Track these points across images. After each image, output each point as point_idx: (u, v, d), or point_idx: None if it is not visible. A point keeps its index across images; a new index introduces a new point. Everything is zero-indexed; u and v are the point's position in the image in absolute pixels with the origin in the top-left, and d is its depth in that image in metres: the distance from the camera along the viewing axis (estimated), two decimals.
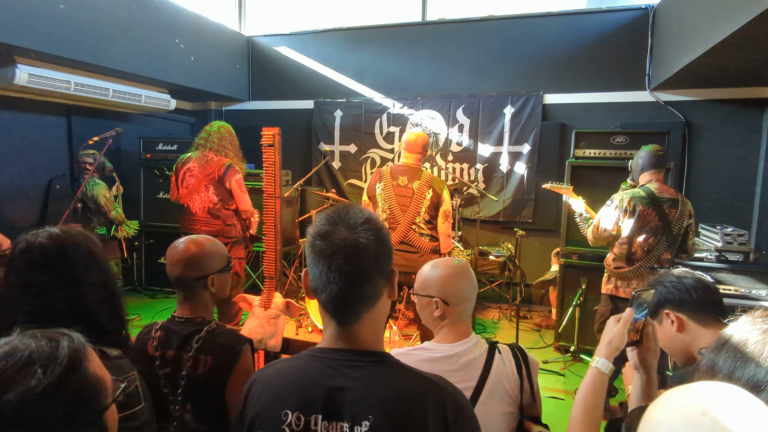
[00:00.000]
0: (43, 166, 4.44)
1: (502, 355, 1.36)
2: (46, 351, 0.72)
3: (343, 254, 0.85)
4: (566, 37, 4.82)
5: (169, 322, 1.51)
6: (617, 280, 2.88)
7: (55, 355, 0.72)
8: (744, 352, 0.77)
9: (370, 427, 0.83)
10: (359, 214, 0.90)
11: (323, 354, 0.92)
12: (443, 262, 1.43)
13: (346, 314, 0.90)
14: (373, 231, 0.88)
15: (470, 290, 1.40)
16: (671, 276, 1.47)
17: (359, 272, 0.87)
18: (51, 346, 0.73)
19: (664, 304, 1.42)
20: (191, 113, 6.25)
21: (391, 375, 0.89)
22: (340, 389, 0.86)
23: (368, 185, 3.21)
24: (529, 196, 4.95)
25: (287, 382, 0.91)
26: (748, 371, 0.75)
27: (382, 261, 0.90)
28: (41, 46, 3.39)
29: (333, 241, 0.86)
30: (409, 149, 3.07)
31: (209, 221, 3.38)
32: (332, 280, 0.86)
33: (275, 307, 2.12)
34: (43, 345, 0.73)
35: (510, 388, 1.33)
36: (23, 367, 0.70)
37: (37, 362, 0.71)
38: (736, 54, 3.10)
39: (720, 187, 4.41)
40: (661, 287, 1.44)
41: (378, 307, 0.92)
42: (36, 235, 1.12)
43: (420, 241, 2.99)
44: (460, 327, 1.38)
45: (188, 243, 1.54)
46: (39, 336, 0.75)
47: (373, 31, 5.54)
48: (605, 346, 1.14)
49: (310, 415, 0.86)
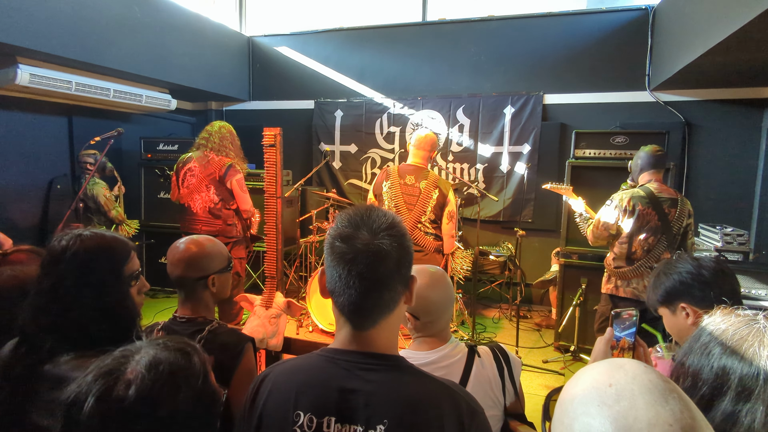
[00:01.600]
0: (44, 166, 4.45)
1: (481, 358, 1.34)
2: (183, 364, 0.76)
3: (364, 260, 0.83)
4: (566, 37, 4.83)
5: (170, 323, 1.52)
6: (617, 280, 2.89)
7: (193, 368, 0.77)
8: (708, 349, 0.81)
9: (384, 431, 0.81)
10: (383, 218, 0.88)
11: (337, 355, 0.90)
12: (419, 269, 1.35)
13: (363, 320, 0.88)
14: (396, 237, 0.86)
15: (441, 305, 1.34)
16: (688, 264, 1.42)
17: (380, 279, 0.85)
18: (185, 358, 0.77)
19: (681, 296, 1.38)
20: (192, 113, 6.26)
21: (406, 379, 0.88)
22: (354, 391, 0.85)
23: (375, 183, 3.22)
24: (529, 196, 4.95)
25: (299, 382, 0.89)
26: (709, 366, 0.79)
27: (403, 268, 0.88)
28: (43, 46, 3.40)
29: (355, 245, 0.84)
30: (418, 147, 3.11)
31: (210, 221, 3.38)
32: (351, 285, 0.84)
33: (276, 306, 2.13)
34: (179, 357, 0.77)
35: (491, 392, 1.31)
36: (169, 379, 0.73)
37: (179, 374, 0.74)
38: (736, 54, 3.10)
39: (720, 187, 4.41)
40: (677, 276, 1.40)
41: (395, 313, 0.90)
42: (73, 237, 1.12)
43: (425, 239, 3.01)
44: (435, 338, 1.35)
45: (189, 243, 1.54)
46: (171, 346, 0.78)
47: (373, 32, 5.55)
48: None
49: (323, 416, 0.84)
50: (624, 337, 1.17)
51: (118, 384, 0.70)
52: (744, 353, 0.76)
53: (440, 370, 1.29)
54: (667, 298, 1.42)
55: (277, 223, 2.30)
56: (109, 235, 1.18)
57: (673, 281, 1.42)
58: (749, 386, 0.73)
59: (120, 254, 1.17)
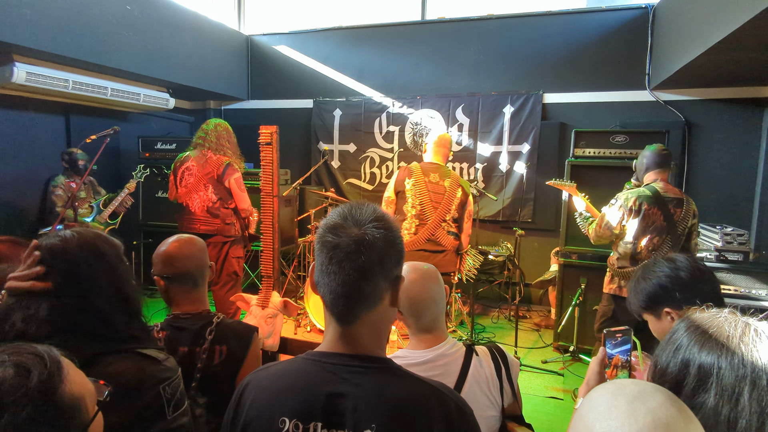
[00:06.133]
0: (41, 164, 4.42)
1: (479, 357, 1.32)
2: (14, 383, 0.64)
3: (346, 248, 0.83)
4: (566, 36, 4.81)
5: (171, 321, 1.52)
6: (620, 280, 2.86)
7: (25, 387, 0.65)
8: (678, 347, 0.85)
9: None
10: (371, 210, 0.88)
11: (322, 358, 0.88)
12: (408, 266, 1.35)
13: (343, 311, 0.87)
14: (382, 229, 0.85)
15: (429, 303, 1.31)
16: (665, 267, 1.43)
17: (360, 269, 0.83)
18: (21, 375, 0.65)
19: (663, 302, 1.39)
20: (190, 112, 6.24)
21: (393, 382, 0.87)
22: (341, 396, 0.83)
23: (396, 180, 3.17)
24: (528, 195, 4.94)
25: (284, 387, 0.87)
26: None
27: (387, 263, 0.86)
28: (39, 44, 3.38)
29: (339, 235, 0.84)
30: (439, 146, 3.15)
31: (209, 220, 3.36)
32: (331, 273, 0.84)
33: (273, 306, 2.11)
34: (11, 375, 0.65)
35: (489, 392, 1.30)
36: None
37: (5, 397, 0.63)
38: (736, 54, 3.09)
39: (720, 187, 4.40)
40: (657, 281, 1.41)
41: (378, 311, 0.88)
42: (58, 236, 1.06)
43: (446, 239, 3.04)
44: (428, 335, 1.33)
45: (183, 240, 1.57)
46: (7, 361, 0.66)
47: (372, 30, 5.53)
48: (583, 386, 1.14)
49: (309, 422, 0.83)
50: (617, 355, 1.15)
51: None
52: (703, 345, 0.80)
53: (437, 368, 1.28)
54: (650, 304, 1.43)
55: (274, 221, 2.28)
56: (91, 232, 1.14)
57: (653, 286, 1.42)
58: (705, 376, 0.77)
59: (116, 245, 1.15)
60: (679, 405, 0.62)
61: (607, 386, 0.67)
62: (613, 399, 0.62)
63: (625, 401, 0.61)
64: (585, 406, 0.66)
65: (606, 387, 0.67)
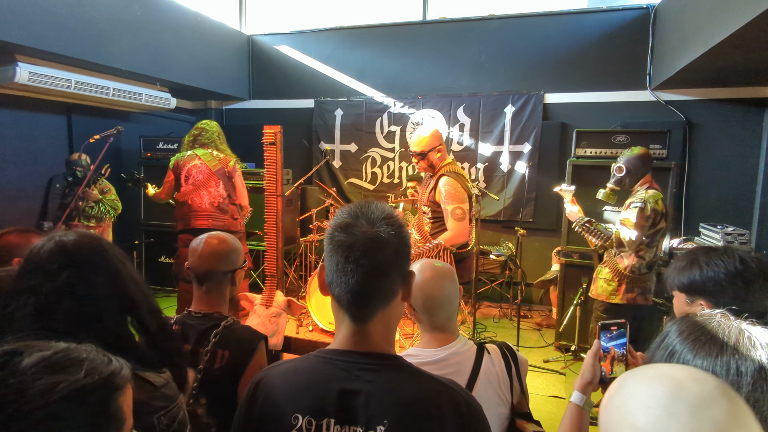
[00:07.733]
0: (44, 164, 4.43)
1: (491, 356, 1.33)
2: (100, 359, 0.67)
3: (362, 246, 0.84)
4: (567, 36, 4.82)
5: (184, 317, 1.53)
6: (636, 287, 2.74)
7: (106, 367, 0.67)
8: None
9: (384, 431, 0.81)
10: (381, 209, 0.89)
11: (334, 356, 0.89)
12: (423, 263, 1.36)
13: (361, 309, 0.87)
14: (394, 227, 0.87)
15: (443, 301, 1.31)
16: (732, 264, 1.25)
17: (377, 266, 0.84)
18: (107, 359, 0.69)
19: (705, 295, 1.27)
20: (192, 112, 6.24)
21: (405, 379, 0.88)
22: (353, 392, 0.84)
23: (462, 187, 2.78)
24: (529, 195, 4.94)
25: (296, 384, 0.88)
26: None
27: (401, 259, 0.88)
28: (42, 44, 3.39)
29: (353, 233, 0.85)
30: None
31: (218, 216, 3.47)
32: (349, 272, 0.84)
33: (277, 305, 2.12)
34: (99, 356, 0.68)
35: (500, 389, 1.31)
36: (74, 362, 0.65)
37: (86, 362, 0.65)
38: (736, 54, 3.09)
39: (721, 187, 4.40)
40: (713, 274, 1.26)
41: (392, 306, 0.89)
42: (54, 239, 1.03)
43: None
44: (441, 334, 1.33)
45: (216, 238, 1.56)
46: (97, 350, 0.70)
47: (373, 30, 5.53)
48: (578, 379, 1.14)
49: (322, 418, 0.83)
50: (612, 347, 1.16)
51: None
52: (697, 352, 0.79)
53: (449, 367, 1.29)
54: (691, 289, 1.31)
55: (278, 221, 2.29)
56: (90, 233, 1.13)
57: (705, 277, 1.28)
58: None
59: (113, 247, 1.13)
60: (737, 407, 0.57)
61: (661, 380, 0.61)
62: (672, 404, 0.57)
63: (686, 408, 0.56)
64: (627, 398, 0.61)
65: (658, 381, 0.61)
